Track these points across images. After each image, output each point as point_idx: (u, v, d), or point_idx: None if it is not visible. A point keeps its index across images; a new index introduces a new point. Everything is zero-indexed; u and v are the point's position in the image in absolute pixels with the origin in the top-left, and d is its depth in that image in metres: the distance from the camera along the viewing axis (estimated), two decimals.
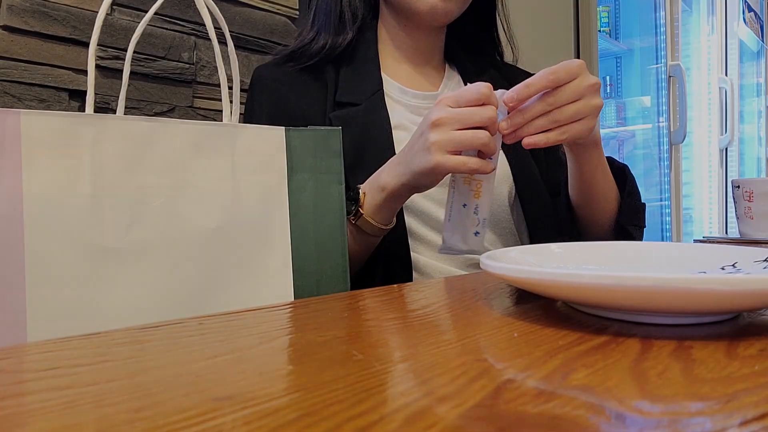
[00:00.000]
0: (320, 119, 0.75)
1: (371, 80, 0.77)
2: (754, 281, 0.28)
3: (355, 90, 0.76)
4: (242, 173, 0.49)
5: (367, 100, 0.75)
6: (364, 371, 0.25)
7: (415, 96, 0.80)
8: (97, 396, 0.22)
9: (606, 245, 0.52)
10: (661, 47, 2.58)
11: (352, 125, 0.73)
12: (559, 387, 0.23)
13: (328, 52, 0.77)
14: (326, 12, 0.80)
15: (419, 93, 0.81)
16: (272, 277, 0.50)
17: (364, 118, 0.74)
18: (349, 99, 0.75)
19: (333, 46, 0.78)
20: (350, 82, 0.77)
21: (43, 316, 0.41)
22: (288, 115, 0.75)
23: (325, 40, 0.78)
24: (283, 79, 0.77)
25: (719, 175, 3.16)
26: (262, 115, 0.76)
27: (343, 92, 0.76)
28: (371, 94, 0.76)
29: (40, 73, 0.78)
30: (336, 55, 0.78)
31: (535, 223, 0.80)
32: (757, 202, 1.02)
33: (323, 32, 0.79)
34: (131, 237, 0.44)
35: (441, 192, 0.70)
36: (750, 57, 3.67)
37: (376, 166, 0.66)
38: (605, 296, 0.31)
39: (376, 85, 0.77)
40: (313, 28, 0.80)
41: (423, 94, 0.81)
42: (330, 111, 0.75)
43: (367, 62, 0.79)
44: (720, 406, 0.21)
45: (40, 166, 0.42)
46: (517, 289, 0.45)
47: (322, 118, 0.75)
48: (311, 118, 0.75)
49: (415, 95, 0.81)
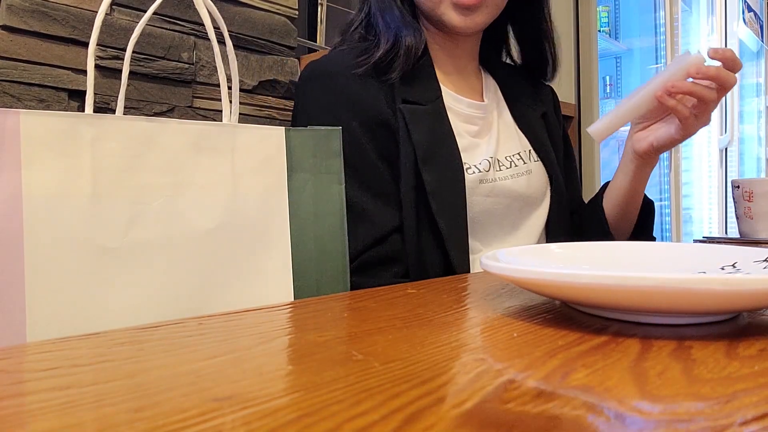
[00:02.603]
0: (391, 113, 0.72)
1: (430, 84, 0.76)
2: (754, 281, 0.28)
3: (418, 92, 0.74)
4: (242, 173, 0.49)
5: (431, 104, 0.74)
6: (364, 371, 0.25)
7: (469, 105, 0.80)
8: (97, 396, 0.22)
9: (606, 245, 0.52)
10: (661, 47, 2.58)
11: (423, 121, 0.72)
12: (558, 387, 0.23)
13: (414, 53, 0.74)
14: (394, 15, 0.76)
15: (473, 102, 0.80)
16: (272, 278, 0.50)
17: (431, 118, 0.73)
18: (415, 99, 0.74)
19: (417, 46, 0.74)
20: (411, 83, 0.75)
21: (42, 316, 0.41)
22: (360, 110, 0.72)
23: (409, 42, 0.74)
24: (345, 74, 0.73)
25: (719, 175, 3.16)
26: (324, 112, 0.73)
27: (407, 92, 0.74)
28: (434, 98, 0.75)
29: (39, 73, 0.78)
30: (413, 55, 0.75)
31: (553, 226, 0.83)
32: (756, 202, 1.02)
33: (403, 36, 0.74)
34: (131, 237, 0.44)
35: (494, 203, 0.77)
36: (750, 57, 3.67)
37: (444, 167, 0.68)
38: (605, 296, 0.31)
39: (436, 89, 0.76)
40: (389, 32, 0.75)
41: (475, 104, 0.80)
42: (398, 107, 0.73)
43: (423, 66, 0.76)
44: (720, 406, 0.21)
45: (39, 166, 0.42)
46: (517, 289, 0.45)
47: (392, 111, 0.72)
48: (383, 111, 0.72)
49: (470, 104, 0.80)
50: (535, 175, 0.81)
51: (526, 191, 0.79)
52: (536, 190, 0.81)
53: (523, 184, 0.79)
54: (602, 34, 2.62)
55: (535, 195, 0.81)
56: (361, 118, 0.71)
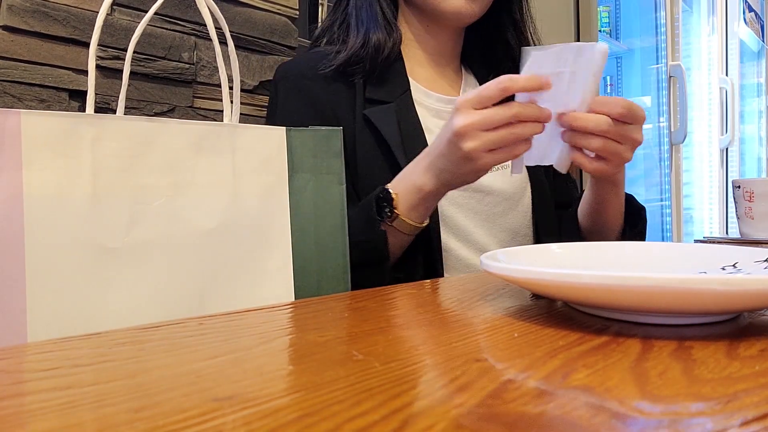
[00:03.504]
0: (350, 117, 0.73)
1: (399, 80, 0.77)
2: (755, 281, 0.28)
3: (385, 88, 0.75)
4: (243, 173, 0.49)
5: (398, 99, 0.75)
6: (364, 371, 0.25)
7: (438, 100, 0.80)
8: (98, 396, 0.22)
9: (606, 245, 0.52)
10: (662, 47, 2.57)
11: (387, 122, 0.72)
12: (559, 387, 0.23)
13: (387, 54, 0.75)
14: (369, 13, 0.77)
15: (443, 97, 0.80)
16: (273, 278, 0.50)
17: (397, 116, 0.73)
18: (380, 97, 0.74)
19: (389, 46, 0.75)
20: (379, 81, 0.75)
21: (43, 316, 0.41)
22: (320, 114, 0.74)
23: (378, 41, 0.74)
24: (311, 75, 0.75)
25: (720, 175, 3.16)
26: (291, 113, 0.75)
27: (373, 90, 0.74)
28: (401, 93, 0.75)
29: (40, 73, 0.78)
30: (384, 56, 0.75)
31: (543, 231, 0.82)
32: (757, 202, 1.02)
33: (373, 34, 0.75)
34: (131, 237, 0.44)
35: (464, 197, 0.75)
36: (750, 57, 3.66)
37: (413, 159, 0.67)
38: (606, 296, 0.31)
39: (405, 85, 0.76)
40: (359, 32, 0.76)
41: (446, 98, 0.81)
42: (360, 108, 0.74)
43: (393, 63, 0.77)
44: (720, 406, 0.21)
45: (40, 166, 0.42)
46: (517, 289, 0.45)
47: (352, 115, 0.74)
48: (342, 116, 0.73)
49: (439, 99, 0.80)
50: None
51: (501, 186, 0.79)
52: (512, 186, 0.80)
53: (498, 179, 0.79)
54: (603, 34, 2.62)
55: (512, 191, 0.80)
56: (322, 121, 0.72)
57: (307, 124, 0.70)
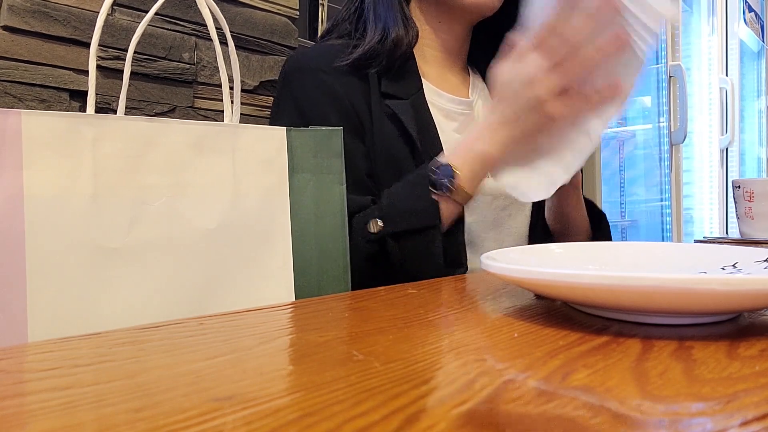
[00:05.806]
0: (366, 109, 0.73)
1: (412, 77, 0.76)
2: (755, 281, 0.28)
3: (399, 84, 0.74)
4: (243, 173, 0.49)
5: (412, 97, 0.74)
6: (364, 371, 0.25)
7: (450, 100, 0.80)
8: (98, 396, 0.22)
9: (606, 245, 0.52)
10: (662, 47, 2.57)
11: (405, 116, 0.72)
12: (559, 387, 0.23)
13: (404, 50, 0.74)
14: (387, 8, 0.76)
15: (454, 98, 0.80)
16: (273, 277, 0.50)
17: (412, 112, 0.73)
18: (396, 92, 0.74)
19: (407, 42, 0.74)
20: (393, 78, 0.75)
21: (43, 316, 0.41)
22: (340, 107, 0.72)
23: (397, 37, 0.73)
24: (327, 69, 0.74)
25: (720, 175, 3.16)
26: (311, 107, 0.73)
27: (388, 85, 0.74)
28: (415, 91, 0.75)
29: (40, 74, 0.78)
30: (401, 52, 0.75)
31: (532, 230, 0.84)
32: (757, 202, 1.02)
33: (392, 29, 0.74)
34: (132, 237, 0.44)
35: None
36: (750, 57, 3.66)
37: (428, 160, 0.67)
38: (606, 296, 0.31)
39: (418, 83, 0.76)
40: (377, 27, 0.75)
41: (457, 99, 0.80)
42: (378, 100, 0.73)
43: (406, 61, 0.76)
44: (721, 406, 0.21)
45: (40, 166, 0.42)
46: (517, 289, 0.45)
47: (367, 108, 0.73)
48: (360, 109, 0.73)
49: (450, 99, 0.80)
50: None
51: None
52: None
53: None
54: None
55: None
56: (340, 113, 0.72)
57: (329, 117, 0.71)
